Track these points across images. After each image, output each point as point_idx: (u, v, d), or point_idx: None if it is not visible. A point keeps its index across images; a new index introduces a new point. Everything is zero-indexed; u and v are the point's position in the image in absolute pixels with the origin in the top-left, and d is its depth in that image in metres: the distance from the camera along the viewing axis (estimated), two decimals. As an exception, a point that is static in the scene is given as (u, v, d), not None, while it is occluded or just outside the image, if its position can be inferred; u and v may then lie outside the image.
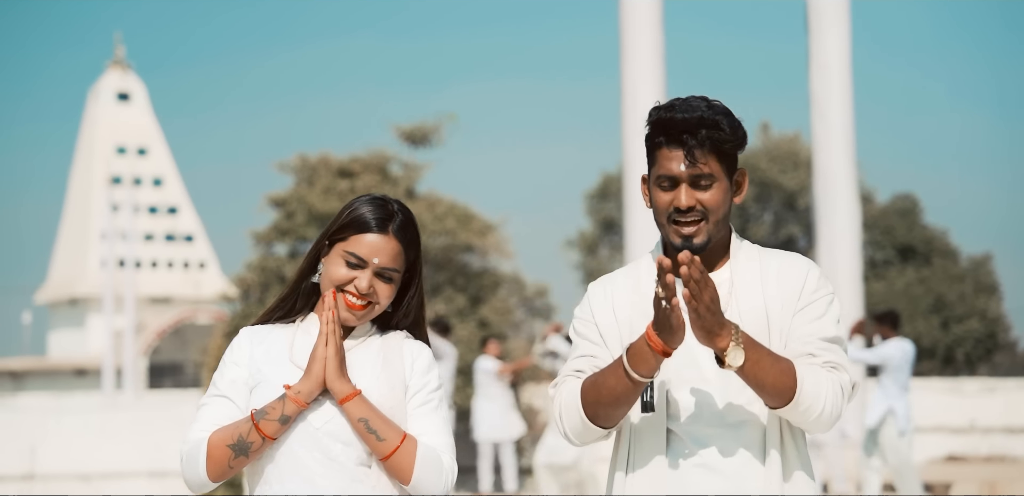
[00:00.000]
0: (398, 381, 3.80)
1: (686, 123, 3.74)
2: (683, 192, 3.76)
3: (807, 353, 3.72)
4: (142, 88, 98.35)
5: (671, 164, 3.76)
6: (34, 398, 28.32)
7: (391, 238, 3.80)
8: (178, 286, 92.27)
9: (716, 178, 3.77)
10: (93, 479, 24.31)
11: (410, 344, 3.89)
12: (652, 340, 3.59)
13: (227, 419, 3.76)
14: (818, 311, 3.78)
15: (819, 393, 3.64)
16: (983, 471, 19.04)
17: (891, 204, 44.54)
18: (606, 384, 3.68)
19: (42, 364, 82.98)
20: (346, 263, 3.78)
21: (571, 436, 3.82)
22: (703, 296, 3.54)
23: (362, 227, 3.79)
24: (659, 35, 17.75)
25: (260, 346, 3.85)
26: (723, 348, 3.58)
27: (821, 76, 17.97)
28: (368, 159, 32.20)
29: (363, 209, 3.82)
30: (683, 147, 3.74)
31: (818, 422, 3.68)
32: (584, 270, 45.75)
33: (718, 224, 3.79)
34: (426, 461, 3.71)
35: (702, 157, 3.75)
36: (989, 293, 43.43)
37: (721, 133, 3.75)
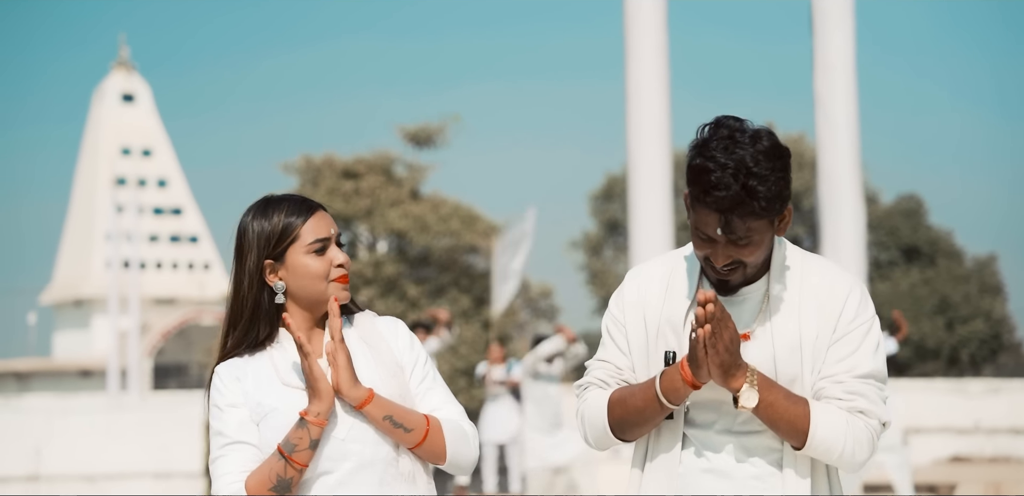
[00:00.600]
0: (393, 364, 3.80)
1: (722, 202, 3.56)
2: (719, 252, 3.64)
3: (834, 397, 3.68)
4: (147, 89, 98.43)
5: (707, 227, 3.62)
6: (39, 399, 28.33)
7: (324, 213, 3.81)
8: (183, 287, 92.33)
9: (755, 232, 3.61)
10: (98, 480, 24.32)
11: (383, 322, 3.88)
12: (685, 373, 3.61)
13: (252, 463, 3.71)
14: (853, 344, 3.69)
15: (835, 439, 3.62)
16: (988, 472, 19.04)
17: (896, 205, 44.55)
18: (635, 405, 3.71)
19: (47, 365, 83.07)
20: (315, 252, 3.75)
21: (591, 443, 3.86)
22: (723, 335, 3.54)
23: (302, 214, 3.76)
24: (663, 36, 17.75)
25: (246, 379, 3.78)
26: (737, 389, 3.59)
27: (825, 77, 17.96)
28: (373, 160, 32.21)
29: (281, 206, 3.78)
30: (719, 217, 3.58)
31: (839, 464, 3.68)
32: (588, 271, 45.75)
33: (756, 266, 3.70)
34: (455, 436, 3.74)
35: (739, 227, 3.59)
36: (994, 294, 43.43)
37: (758, 207, 3.56)
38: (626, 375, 3.83)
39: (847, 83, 17.96)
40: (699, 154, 3.59)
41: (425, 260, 32.38)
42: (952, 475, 18.82)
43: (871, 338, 3.71)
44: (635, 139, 17.63)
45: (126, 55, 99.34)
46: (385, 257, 32.20)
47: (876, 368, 3.70)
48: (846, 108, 17.92)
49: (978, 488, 17.86)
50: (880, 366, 3.71)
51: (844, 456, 3.64)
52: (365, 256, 32.67)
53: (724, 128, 3.61)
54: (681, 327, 3.75)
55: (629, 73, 17.74)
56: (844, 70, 17.95)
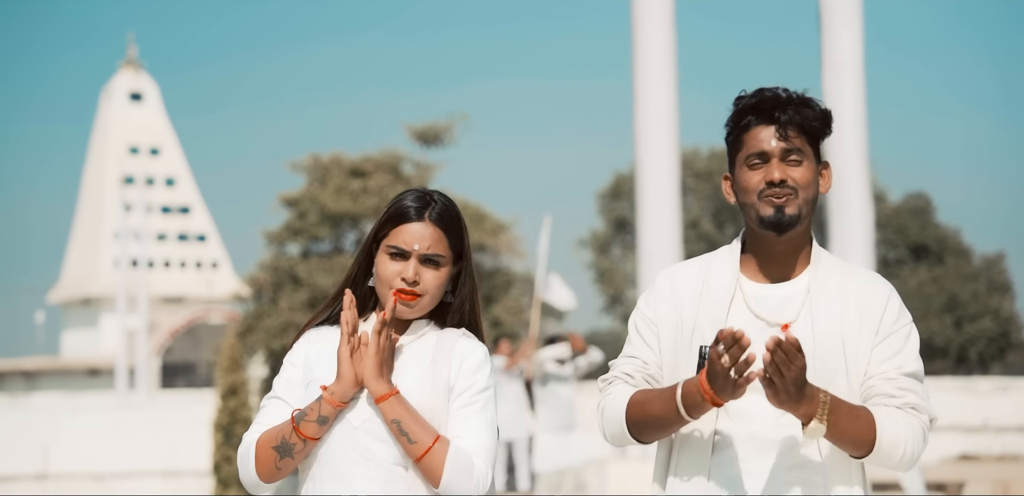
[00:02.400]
0: (442, 381, 3.78)
1: (776, 100, 3.77)
2: (775, 166, 3.76)
3: (886, 394, 3.69)
4: (155, 88, 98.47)
5: (761, 141, 3.77)
6: (47, 398, 28.36)
7: (429, 224, 3.80)
8: (191, 286, 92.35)
9: (806, 155, 3.79)
10: (106, 479, 24.35)
11: (463, 342, 3.86)
12: (704, 390, 3.57)
13: (281, 420, 3.79)
14: (897, 344, 3.75)
15: (898, 441, 3.62)
16: (996, 470, 19.00)
17: (904, 203, 44.53)
18: (654, 411, 3.68)
19: (55, 364, 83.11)
20: (390, 256, 3.80)
21: (609, 439, 3.83)
22: (789, 371, 3.49)
23: (400, 218, 3.81)
24: (671, 34, 17.75)
25: (315, 345, 3.87)
26: (806, 418, 3.56)
27: (833, 75, 17.95)
28: (380, 159, 32.22)
29: (403, 202, 3.85)
30: (774, 123, 3.77)
31: (898, 465, 3.68)
32: (596, 269, 45.75)
33: (808, 203, 3.79)
34: (456, 465, 3.69)
35: (793, 132, 3.77)
36: (1002, 292, 43.40)
37: (811, 111, 3.78)
38: (652, 370, 3.81)
39: (855, 82, 17.95)
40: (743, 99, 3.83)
41: (433, 259, 32.31)
42: (960, 473, 18.79)
43: (912, 341, 3.77)
44: (643, 137, 17.62)
45: (134, 54, 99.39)
46: (393, 256, 32.15)
47: (919, 370, 3.75)
48: (854, 107, 17.91)
49: (986, 486, 17.83)
50: (921, 368, 3.76)
51: (906, 456, 3.65)
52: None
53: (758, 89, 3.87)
54: (722, 322, 3.75)
55: (637, 71, 17.73)
56: (852, 69, 17.94)
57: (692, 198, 44.23)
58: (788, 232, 3.77)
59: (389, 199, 19.90)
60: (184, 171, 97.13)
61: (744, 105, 3.81)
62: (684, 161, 28.67)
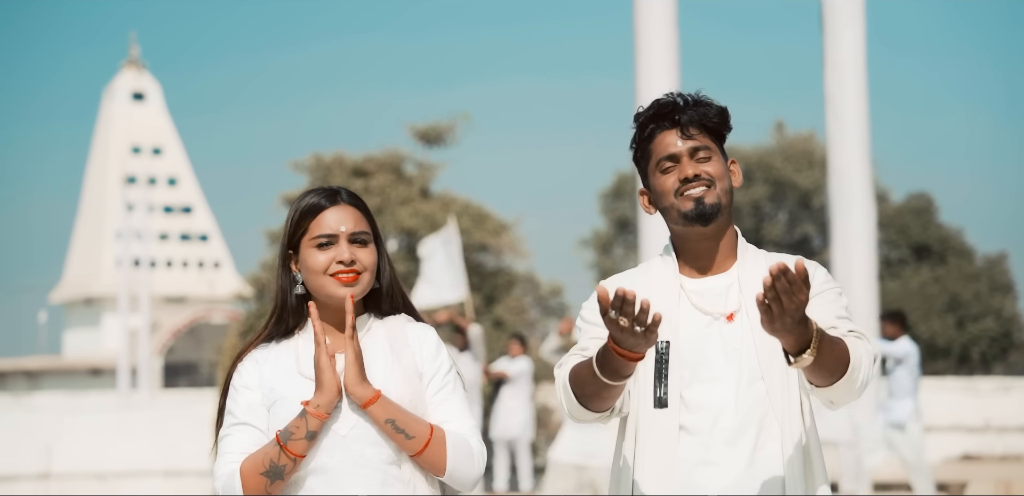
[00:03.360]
0: (412, 371, 3.79)
1: (673, 104, 3.89)
2: (686, 165, 3.87)
3: (831, 326, 3.77)
4: (157, 88, 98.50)
5: (668, 145, 3.88)
6: (49, 397, 28.38)
7: (345, 206, 3.82)
8: (193, 285, 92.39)
9: (713, 151, 3.90)
10: (109, 478, 24.35)
11: (414, 327, 3.88)
12: (618, 352, 3.56)
13: (254, 445, 3.74)
14: (830, 297, 3.85)
15: (861, 365, 3.70)
16: (998, 470, 19.01)
17: (906, 203, 44.49)
18: (585, 378, 3.70)
19: (57, 363, 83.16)
20: (318, 248, 3.78)
21: (570, 414, 3.84)
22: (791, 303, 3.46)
23: (315, 210, 3.81)
24: (674, 34, 17.74)
25: (266, 364, 3.83)
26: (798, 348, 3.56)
27: (836, 75, 17.94)
28: (383, 159, 32.21)
29: (308, 198, 3.83)
30: (675, 125, 3.88)
31: (858, 392, 3.72)
32: (599, 269, 45.74)
33: (726, 193, 3.88)
34: (457, 449, 3.72)
35: (695, 130, 3.88)
36: (1004, 292, 43.37)
37: (708, 109, 3.89)
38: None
39: (857, 82, 17.94)
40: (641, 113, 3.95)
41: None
42: (963, 473, 18.79)
43: (843, 301, 3.87)
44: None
45: (136, 54, 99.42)
46: (395, 255, 32.20)
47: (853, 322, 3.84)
48: (856, 106, 17.90)
49: (989, 486, 17.84)
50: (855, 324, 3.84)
51: (863, 382, 3.71)
52: (375, 254, 32.61)
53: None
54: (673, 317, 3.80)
55: (639, 71, 17.73)
56: (854, 69, 17.93)
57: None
58: (713, 222, 3.84)
59: (392, 198, 20.08)
60: (186, 171, 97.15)
61: (644, 117, 3.94)
62: (686, 161, 28.72)
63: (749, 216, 42.48)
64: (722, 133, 3.95)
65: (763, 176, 42.25)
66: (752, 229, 41.65)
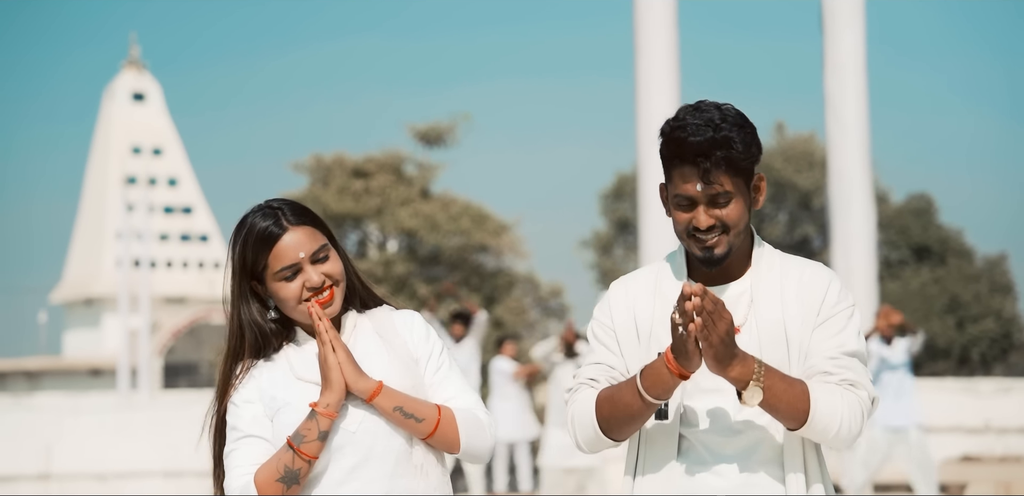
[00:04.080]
0: (407, 358, 3.81)
1: (699, 146, 3.70)
2: (701, 212, 3.75)
3: (824, 371, 3.70)
4: (157, 88, 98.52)
5: (687, 185, 3.74)
6: (49, 398, 28.35)
7: (293, 229, 3.76)
8: (193, 286, 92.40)
9: (733, 194, 3.76)
10: (109, 479, 24.34)
11: (399, 316, 3.89)
12: (670, 363, 3.60)
13: (263, 456, 3.73)
14: (838, 325, 3.76)
15: (833, 414, 3.63)
16: (998, 471, 19.00)
17: (906, 204, 44.51)
18: (622, 400, 3.69)
19: (57, 364, 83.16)
20: (285, 279, 3.75)
21: (582, 445, 3.83)
22: (717, 328, 3.54)
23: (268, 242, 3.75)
24: (674, 34, 17.75)
25: (262, 376, 3.82)
26: (742, 382, 3.58)
27: (836, 76, 17.94)
28: (383, 159, 32.22)
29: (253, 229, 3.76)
30: (697, 168, 3.71)
31: (835, 441, 3.68)
32: (599, 270, 45.73)
33: (739, 235, 3.78)
34: (468, 425, 3.74)
35: (717, 177, 3.72)
36: (1004, 293, 43.39)
37: (734, 152, 3.72)
38: (617, 374, 3.83)
39: (857, 82, 17.94)
40: (669, 123, 3.77)
41: (435, 259, 32.38)
42: (962, 475, 18.78)
43: (854, 322, 3.78)
44: (645, 138, 17.61)
45: (136, 54, 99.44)
46: (395, 256, 32.22)
47: (861, 349, 3.76)
48: (856, 107, 17.91)
49: (988, 488, 17.83)
50: (864, 349, 3.77)
51: (841, 432, 3.65)
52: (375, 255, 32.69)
53: (688, 105, 3.80)
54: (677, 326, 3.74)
55: (639, 71, 17.73)
56: (854, 69, 17.93)
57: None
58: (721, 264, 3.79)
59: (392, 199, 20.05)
60: (186, 171, 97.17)
61: (668, 139, 3.76)
62: (686, 162, 28.69)
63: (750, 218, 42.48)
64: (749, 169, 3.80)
65: (766, 179, 42.28)
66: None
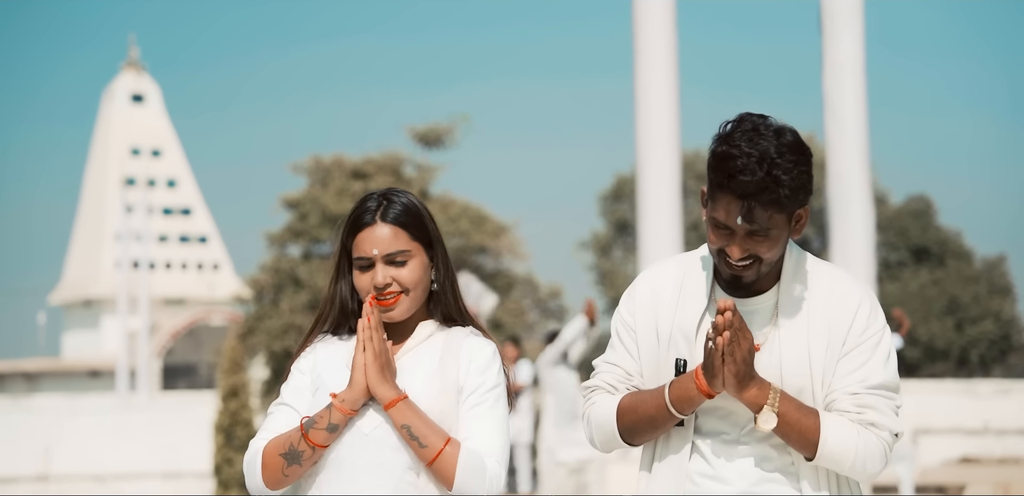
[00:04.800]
0: (451, 383, 3.76)
1: (746, 186, 3.56)
2: (736, 246, 3.63)
3: (843, 410, 3.65)
4: (156, 89, 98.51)
5: (728, 215, 3.61)
6: (48, 399, 28.37)
7: (381, 225, 3.79)
8: (192, 287, 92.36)
9: (773, 227, 3.62)
10: (107, 480, 24.35)
11: (471, 341, 3.83)
12: (699, 380, 3.59)
13: (288, 426, 3.77)
14: (863, 356, 3.67)
15: (845, 452, 3.60)
16: (997, 473, 19.01)
17: (905, 205, 44.52)
18: (646, 412, 3.68)
19: (56, 365, 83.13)
20: (360, 270, 3.80)
21: (599, 446, 3.82)
22: (740, 345, 3.53)
23: (355, 226, 3.81)
24: (673, 36, 17.74)
25: (323, 352, 3.86)
26: (756, 405, 3.58)
27: (834, 77, 17.93)
28: (382, 160, 32.22)
29: (356, 209, 3.84)
30: (741, 204, 3.58)
31: (851, 475, 3.66)
32: (597, 271, 45.74)
33: (771, 264, 3.67)
34: (468, 467, 3.67)
35: (760, 216, 3.59)
36: (1003, 294, 43.40)
37: (782, 196, 3.58)
38: (635, 381, 3.79)
39: (856, 83, 17.94)
40: (723, 143, 3.62)
41: (434, 260, 32.35)
42: (961, 476, 18.79)
43: (881, 349, 3.69)
44: (644, 139, 17.61)
45: (135, 55, 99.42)
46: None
47: (887, 379, 3.67)
48: (855, 108, 17.90)
49: (987, 489, 17.83)
50: (891, 376, 3.68)
51: (855, 468, 3.62)
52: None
53: (748, 122, 3.64)
54: (693, 335, 3.72)
55: (638, 73, 17.73)
56: (853, 70, 17.93)
57: (693, 200, 44.21)
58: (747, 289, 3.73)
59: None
60: (185, 172, 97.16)
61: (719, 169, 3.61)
62: (685, 163, 28.61)
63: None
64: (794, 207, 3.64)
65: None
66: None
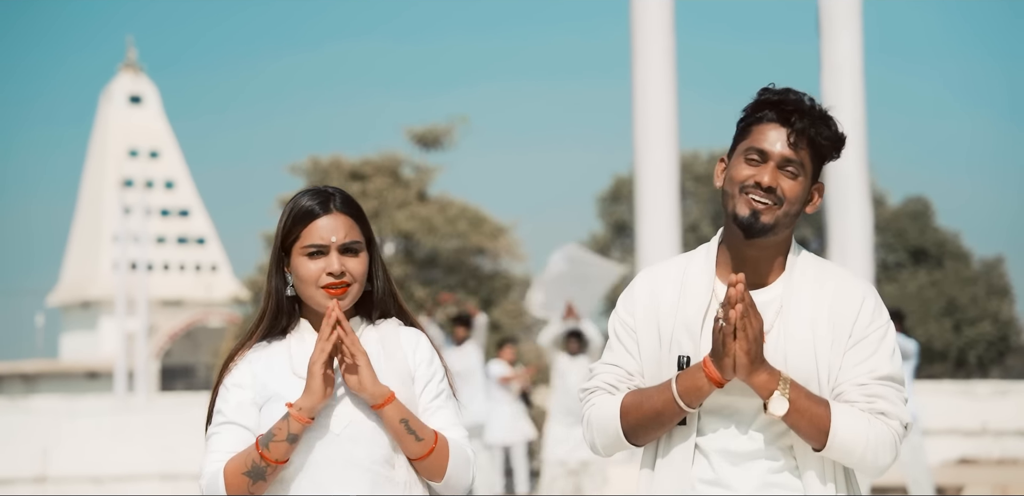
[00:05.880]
0: (405, 374, 3.76)
1: (799, 105, 3.67)
2: (769, 170, 3.66)
3: (853, 402, 3.63)
4: (154, 91, 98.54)
5: (767, 140, 3.66)
6: (46, 400, 28.34)
7: (338, 214, 3.79)
8: (190, 289, 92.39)
9: (804, 170, 3.69)
10: (105, 481, 24.33)
11: (406, 332, 3.84)
12: (707, 367, 3.57)
13: (241, 444, 3.71)
14: (869, 348, 3.67)
15: (856, 442, 3.58)
16: (995, 474, 19.01)
17: (903, 207, 44.51)
18: (652, 408, 3.64)
19: (54, 366, 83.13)
20: (309, 257, 3.76)
21: (600, 449, 3.78)
22: (752, 322, 3.51)
23: (307, 217, 3.78)
24: (671, 37, 17.74)
25: (259, 362, 3.80)
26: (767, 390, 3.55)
27: (833, 79, 17.94)
28: (380, 162, 32.20)
29: (301, 202, 3.80)
30: (788, 126, 3.66)
31: (859, 468, 3.64)
32: (596, 273, 45.65)
33: (788, 216, 3.68)
34: (458, 457, 3.70)
35: (801, 142, 3.66)
36: (1001, 296, 43.40)
37: (827, 129, 3.68)
38: (636, 381, 3.76)
39: (854, 85, 17.94)
40: (763, 93, 3.72)
41: (432, 262, 32.36)
42: (959, 477, 18.79)
43: (887, 342, 3.69)
44: (642, 140, 17.61)
45: (133, 57, 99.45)
46: (392, 259, 32.19)
47: (894, 371, 3.67)
48: (853, 110, 17.90)
49: (985, 490, 17.83)
50: (898, 369, 3.69)
51: (866, 459, 3.60)
52: (372, 258, 32.61)
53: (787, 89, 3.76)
54: (698, 330, 3.69)
55: (636, 74, 17.73)
56: (851, 72, 17.93)
57: (692, 201, 44.21)
58: (757, 239, 3.68)
59: (389, 202, 20.09)
60: (183, 174, 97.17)
61: (766, 99, 3.71)
62: (684, 164, 28.64)
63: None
64: (826, 157, 3.73)
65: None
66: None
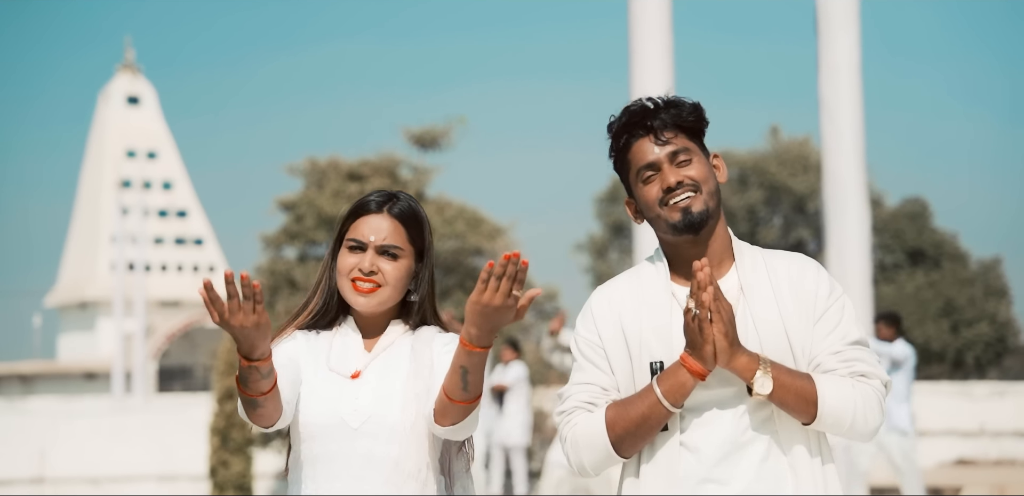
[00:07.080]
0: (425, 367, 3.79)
1: (643, 110, 3.77)
2: (667, 172, 3.73)
3: (832, 369, 3.66)
4: (152, 91, 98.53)
5: (646, 153, 3.76)
6: (44, 401, 28.36)
7: (387, 217, 3.83)
8: (188, 289, 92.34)
9: (693, 152, 3.76)
10: (102, 482, 24.33)
11: (441, 336, 3.87)
12: (687, 361, 3.57)
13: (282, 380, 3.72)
14: (836, 317, 3.73)
15: (845, 407, 3.60)
16: (993, 475, 19.03)
17: (901, 208, 44.50)
18: (638, 413, 3.62)
19: (52, 367, 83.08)
20: (349, 250, 3.82)
21: (588, 468, 3.73)
22: (724, 305, 3.54)
23: (359, 211, 3.86)
24: (668, 37, 17.74)
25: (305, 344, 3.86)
26: (750, 371, 3.56)
27: (831, 79, 17.94)
28: (377, 162, 32.20)
29: (366, 197, 3.91)
30: (649, 132, 3.75)
31: (852, 433, 3.65)
32: (593, 273, 45.74)
33: (712, 196, 3.74)
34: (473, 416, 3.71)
35: (670, 134, 3.75)
36: (999, 297, 43.38)
37: (679, 109, 3.76)
38: (612, 395, 3.73)
39: (852, 86, 17.94)
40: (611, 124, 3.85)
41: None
42: (957, 478, 18.81)
43: (848, 310, 3.77)
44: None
45: (131, 57, 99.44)
46: (390, 259, 32.24)
47: (862, 335, 3.74)
48: (851, 111, 17.90)
49: (983, 490, 17.84)
50: (864, 334, 3.75)
51: (856, 423, 3.62)
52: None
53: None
54: (668, 333, 3.68)
55: (634, 75, 17.73)
56: (849, 73, 17.93)
57: (689, 202, 44.29)
58: (704, 230, 3.73)
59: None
60: (181, 175, 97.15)
61: (616, 127, 3.81)
62: (681, 165, 28.60)
63: (744, 220, 42.50)
64: (700, 130, 3.81)
65: (758, 180, 42.28)
66: (747, 233, 41.67)
